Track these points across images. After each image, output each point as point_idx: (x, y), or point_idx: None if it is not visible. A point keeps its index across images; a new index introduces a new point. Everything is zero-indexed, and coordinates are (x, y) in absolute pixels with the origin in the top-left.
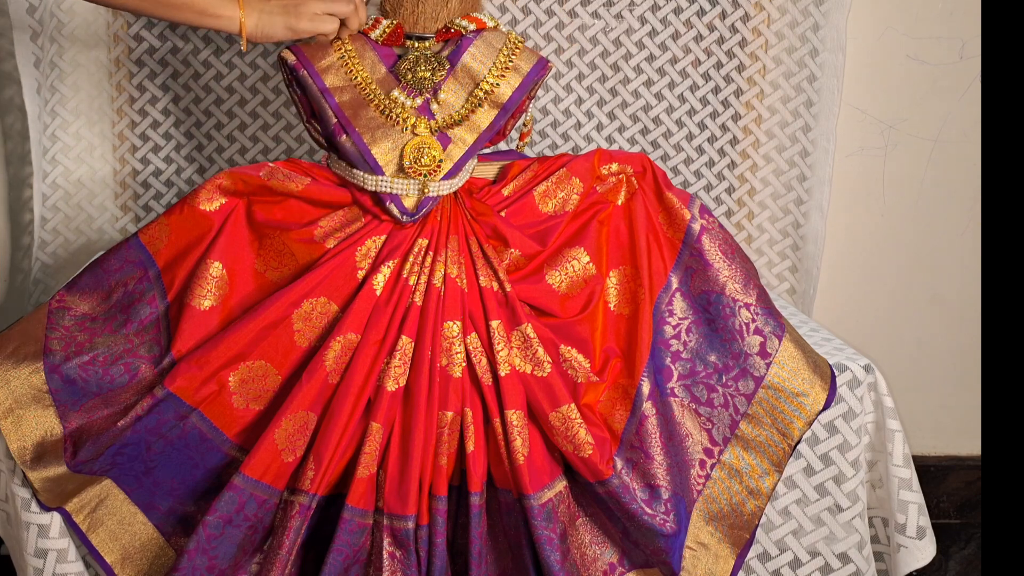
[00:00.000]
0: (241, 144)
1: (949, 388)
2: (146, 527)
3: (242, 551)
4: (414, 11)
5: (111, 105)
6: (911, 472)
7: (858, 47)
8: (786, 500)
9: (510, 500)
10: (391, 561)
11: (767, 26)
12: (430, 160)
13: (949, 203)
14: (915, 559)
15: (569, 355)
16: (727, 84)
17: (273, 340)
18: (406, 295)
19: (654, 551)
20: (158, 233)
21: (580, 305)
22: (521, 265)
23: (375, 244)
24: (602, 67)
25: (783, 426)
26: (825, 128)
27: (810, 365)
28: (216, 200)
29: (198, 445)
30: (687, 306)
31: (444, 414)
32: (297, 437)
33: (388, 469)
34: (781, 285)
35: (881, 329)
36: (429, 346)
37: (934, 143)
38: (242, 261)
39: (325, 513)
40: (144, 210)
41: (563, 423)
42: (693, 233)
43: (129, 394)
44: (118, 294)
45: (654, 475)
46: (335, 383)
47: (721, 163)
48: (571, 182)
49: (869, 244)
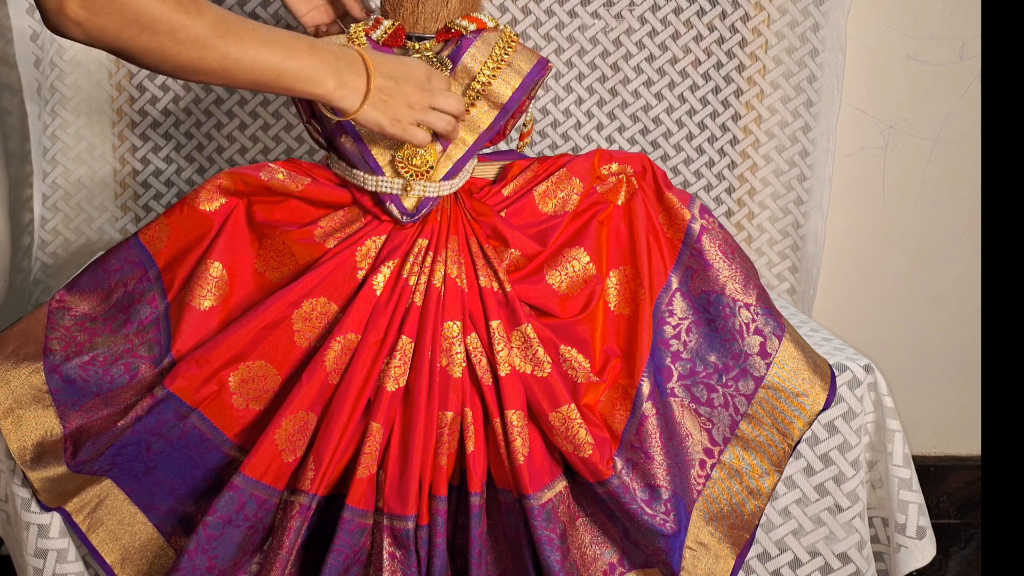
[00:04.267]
0: (241, 144)
1: (949, 388)
2: (146, 527)
3: (242, 551)
4: (414, 11)
5: (111, 105)
6: (911, 472)
7: (858, 47)
8: (786, 500)
9: (510, 500)
10: (391, 561)
11: (767, 26)
12: (422, 162)
13: (949, 203)
14: (915, 559)
15: (569, 355)
16: (727, 84)
17: (273, 340)
18: (406, 295)
19: (654, 551)
20: (158, 233)
21: (580, 305)
22: (521, 265)
23: (375, 244)
24: (602, 67)
25: (783, 426)
26: (825, 128)
27: (810, 365)
28: (216, 200)
29: (198, 445)
30: (687, 306)
31: (444, 414)
32: (297, 437)
33: (388, 469)
34: (781, 285)
35: (881, 329)
36: (429, 346)
37: (934, 143)
38: (242, 261)
39: (325, 513)
40: (144, 210)
41: (563, 423)
42: (693, 233)
43: (129, 394)
44: (118, 294)
45: (654, 475)
46: (335, 383)
47: (721, 163)
48: (571, 182)
49: (869, 244)
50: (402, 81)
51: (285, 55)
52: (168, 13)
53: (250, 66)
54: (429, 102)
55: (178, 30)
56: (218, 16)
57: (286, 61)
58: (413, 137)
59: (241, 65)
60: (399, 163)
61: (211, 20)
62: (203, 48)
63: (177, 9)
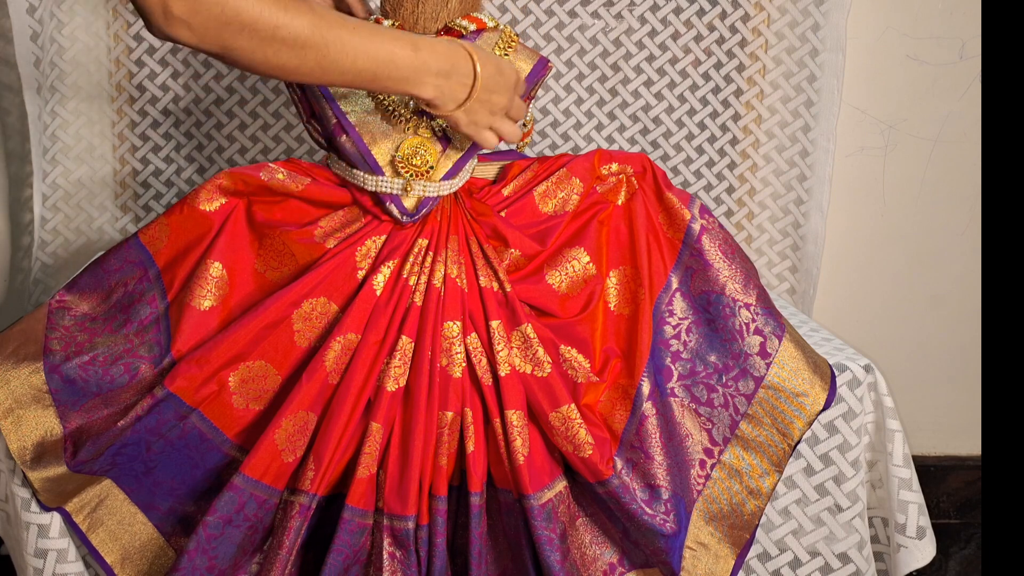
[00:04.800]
0: (241, 144)
1: (949, 388)
2: (146, 527)
3: (242, 551)
4: (414, 11)
5: (111, 105)
6: (911, 472)
7: (858, 47)
8: (786, 500)
9: (510, 500)
10: (391, 561)
11: (767, 26)
12: (421, 162)
13: (949, 203)
14: (915, 559)
15: (569, 355)
16: (727, 84)
17: (273, 340)
18: (406, 295)
19: (654, 551)
20: (158, 233)
21: (580, 305)
22: (521, 265)
23: (375, 244)
24: (602, 67)
25: (783, 426)
26: (825, 128)
27: (810, 365)
28: (216, 200)
29: (198, 445)
30: (687, 306)
31: (444, 414)
32: (297, 437)
33: (388, 469)
34: (781, 285)
35: (881, 329)
36: (429, 346)
37: (934, 143)
38: (242, 261)
39: (325, 513)
40: (144, 210)
41: (563, 423)
42: (693, 233)
43: (129, 394)
44: (118, 294)
45: (654, 475)
46: (335, 383)
47: (721, 163)
48: (571, 182)
49: (869, 244)
50: (495, 91)
51: (385, 58)
52: (267, 11)
53: (349, 67)
54: (507, 109)
55: (278, 28)
56: (318, 15)
57: (385, 67)
58: (483, 140)
59: (339, 67)
60: (399, 163)
61: (311, 19)
62: (302, 47)
63: (275, 6)
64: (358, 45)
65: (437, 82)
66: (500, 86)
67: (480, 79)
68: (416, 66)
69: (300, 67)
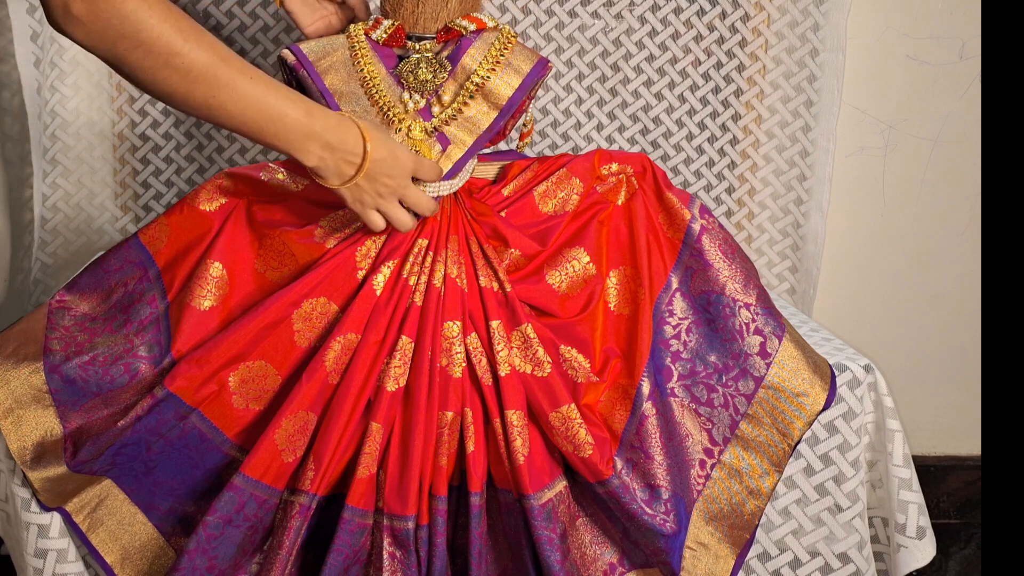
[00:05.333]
0: (241, 144)
1: (949, 388)
2: (146, 527)
3: (242, 551)
4: (414, 11)
5: (111, 105)
6: (911, 472)
7: (858, 47)
8: (786, 500)
9: (510, 500)
10: (391, 561)
11: (767, 26)
12: None
13: (949, 203)
14: (915, 559)
15: (569, 355)
16: (727, 84)
17: (273, 340)
18: (406, 295)
19: (654, 551)
20: (158, 233)
21: (580, 305)
22: (521, 265)
23: (375, 244)
24: (602, 67)
25: (783, 426)
26: (825, 128)
27: (810, 365)
28: (216, 200)
29: (198, 445)
30: (687, 306)
31: (444, 414)
32: (297, 437)
33: (388, 469)
34: (781, 285)
35: (881, 329)
36: (429, 346)
37: (934, 143)
38: (242, 261)
39: (325, 513)
40: (144, 210)
41: (563, 423)
42: (693, 233)
43: (129, 394)
44: (118, 294)
45: (654, 475)
46: (335, 383)
47: (721, 163)
48: (571, 182)
49: (869, 244)
50: (386, 175)
51: (275, 115)
52: (167, 35)
53: (237, 114)
54: (399, 195)
55: (173, 55)
56: (219, 55)
57: (272, 124)
58: (369, 220)
59: (226, 111)
60: None
61: (209, 58)
62: (193, 81)
63: (177, 34)
64: (252, 95)
65: (322, 153)
66: (393, 170)
67: (370, 160)
68: (305, 132)
69: (187, 99)
